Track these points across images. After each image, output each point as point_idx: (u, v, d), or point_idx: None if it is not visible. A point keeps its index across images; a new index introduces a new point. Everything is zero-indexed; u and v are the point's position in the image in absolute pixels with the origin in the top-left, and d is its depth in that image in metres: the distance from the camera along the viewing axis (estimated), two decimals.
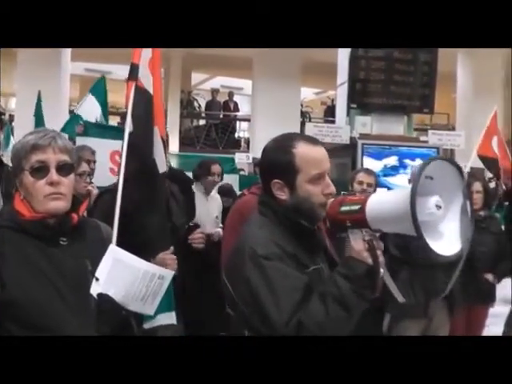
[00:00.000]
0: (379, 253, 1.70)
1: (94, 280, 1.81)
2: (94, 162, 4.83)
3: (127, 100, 3.01)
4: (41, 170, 1.78)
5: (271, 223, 1.84)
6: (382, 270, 1.69)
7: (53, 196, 1.78)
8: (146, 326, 2.67)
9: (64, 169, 1.81)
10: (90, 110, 6.03)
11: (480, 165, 7.12)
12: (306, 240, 1.85)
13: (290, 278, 1.71)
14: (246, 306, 1.74)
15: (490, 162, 6.25)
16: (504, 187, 6.34)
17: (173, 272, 1.97)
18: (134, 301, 1.85)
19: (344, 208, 1.72)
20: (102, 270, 1.82)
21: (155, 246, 2.77)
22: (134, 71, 3.05)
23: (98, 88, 6.34)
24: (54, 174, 1.78)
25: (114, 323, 1.80)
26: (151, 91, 3.10)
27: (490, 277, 4.83)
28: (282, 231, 1.82)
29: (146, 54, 3.09)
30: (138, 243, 2.57)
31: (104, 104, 6.21)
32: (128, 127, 2.95)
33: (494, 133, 6.61)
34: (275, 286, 1.69)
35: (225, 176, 5.99)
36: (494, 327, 6.00)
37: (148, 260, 2.01)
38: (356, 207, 1.68)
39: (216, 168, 5.37)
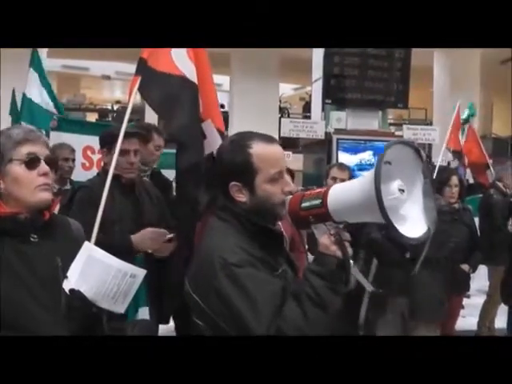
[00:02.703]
0: (347, 244, 1.67)
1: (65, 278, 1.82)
2: (73, 159, 4.80)
3: (130, 94, 2.95)
4: (33, 162, 1.83)
5: (233, 228, 1.78)
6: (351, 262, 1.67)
7: (43, 187, 1.84)
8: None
9: (49, 163, 1.88)
10: (34, 86, 5.93)
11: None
12: (270, 242, 1.81)
13: (265, 284, 1.67)
14: (220, 317, 1.67)
15: (456, 154, 6.36)
16: (472, 180, 6.46)
17: (145, 271, 1.97)
18: (105, 298, 1.85)
19: (305, 204, 1.69)
20: (75, 267, 1.84)
21: None
22: (140, 66, 2.92)
23: (35, 61, 6.14)
24: (45, 166, 1.84)
25: (84, 320, 1.82)
26: (195, 81, 2.97)
27: (465, 267, 4.94)
28: (245, 235, 1.77)
29: None
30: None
31: (44, 77, 6.06)
32: (127, 120, 2.90)
33: (458, 126, 6.72)
34: (252, 295, 1.63)
35: None
36: (471, 318, 6.12)
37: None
38: (317, 201, 1.65)
39: None
